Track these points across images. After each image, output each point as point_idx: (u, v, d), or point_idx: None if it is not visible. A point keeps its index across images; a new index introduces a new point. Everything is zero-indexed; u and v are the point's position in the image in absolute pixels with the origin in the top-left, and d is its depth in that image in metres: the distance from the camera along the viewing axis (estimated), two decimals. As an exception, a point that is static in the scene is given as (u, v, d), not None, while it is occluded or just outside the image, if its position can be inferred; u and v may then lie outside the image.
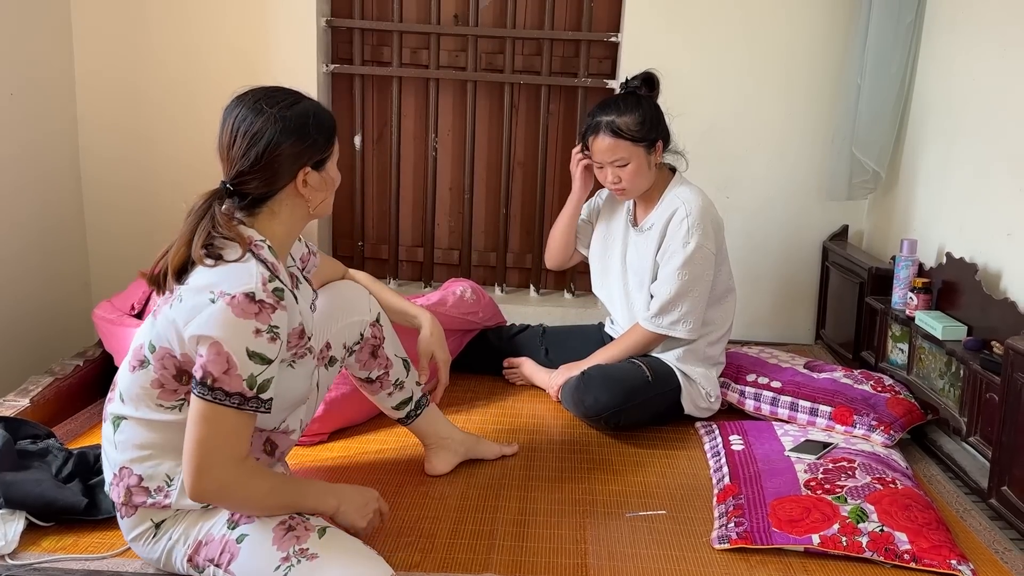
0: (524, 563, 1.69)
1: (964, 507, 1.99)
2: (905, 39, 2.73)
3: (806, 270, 3.18)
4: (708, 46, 3.00)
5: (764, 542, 1.75)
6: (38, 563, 1.59)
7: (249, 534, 1.48)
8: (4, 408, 2.07)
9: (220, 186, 1.50)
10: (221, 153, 1.51)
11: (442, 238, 3.35)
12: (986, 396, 2.05)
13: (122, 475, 1.53)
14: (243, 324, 1.38)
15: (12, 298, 2.73)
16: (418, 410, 1.98)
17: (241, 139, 1.47)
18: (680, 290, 2.26)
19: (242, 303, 1.39)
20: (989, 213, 2.30)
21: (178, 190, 3.08)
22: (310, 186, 1.53)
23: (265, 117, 1.47)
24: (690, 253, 2.25)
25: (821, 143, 3.06)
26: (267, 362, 1.41)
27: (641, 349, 2.36)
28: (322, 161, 1.54)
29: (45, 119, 2.89)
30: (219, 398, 1.39)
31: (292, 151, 1.48)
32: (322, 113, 1.55)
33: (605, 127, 2.24)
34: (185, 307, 1.42)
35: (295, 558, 1.43)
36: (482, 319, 2.66)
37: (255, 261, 1.45)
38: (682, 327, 2.29)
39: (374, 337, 1.89)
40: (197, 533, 1.51)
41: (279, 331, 1.42)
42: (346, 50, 3.17)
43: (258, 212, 1.52)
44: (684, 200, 2.29)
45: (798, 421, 2.33)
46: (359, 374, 1.93)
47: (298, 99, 1.53)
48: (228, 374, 1.39)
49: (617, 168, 2.26)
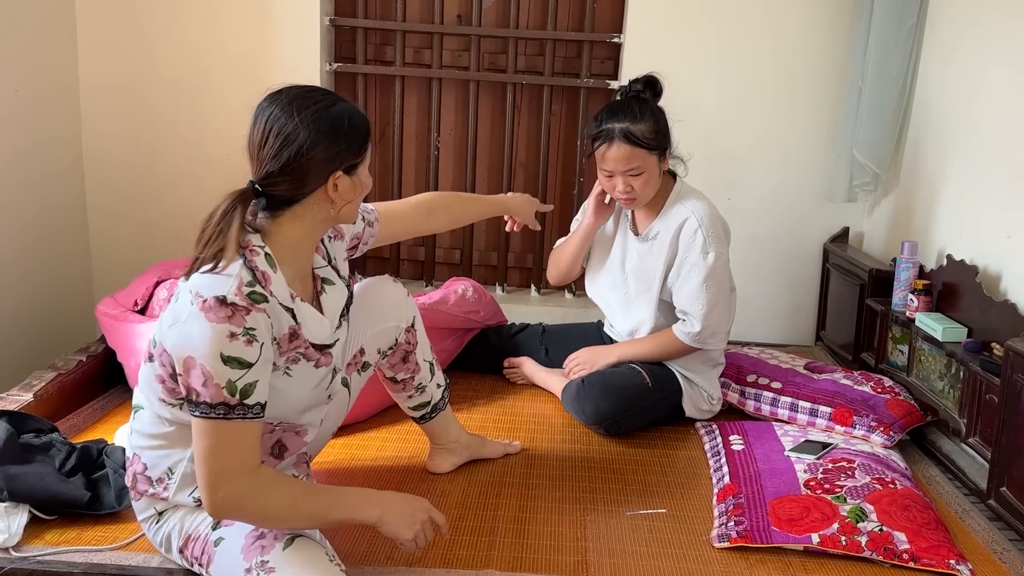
0: (524, 559, 1.70)
1: (963, 508, 2.00)
2: (907, 42, 2.74)
3: (807, 272, 3.18)
4: (710, 47, 3.01)
5: (764, 541, 1.75)
6: (41, 556, 1.60)
7: (225, 538, 1.47)
8: (8, 403, 2.07)
9: (248, 186, 1.44)
10: (251, 152, 1.44)
11: (443, 237, 3.36)
12: (985, 398, 2.05)
13: (133, 460, 1.56)
14: (216, 329, 1.34)
15: (16, 294, 2.74)
16: (434, 413, 1.99)
17: (273, 139, 1.41)
18: (711, 302, 2.24)
19: (213, 307, 1.34)
20: (989, 215, 2.31)
21: (181, 187, 3.10)
22: (340, 191, 1.47)
23: (299, 119, 1.41)
24: (711, 265, 2.22)
25: (822, 145, 3.07)
26: (246, 366, 1.37)
27: (673, 356, 2.33)
28: (355, 166, 1.49)
29: (49, 115, 2.89)
30: (205, 412, 1.36)
31: (325, 155, 1.43)
32: (357, 116, 1.49)
33: (620, 134, 2.15)
34: (173, 307, 1.41)
35: (256, 570, 1.40)
36: (483, 318, 2.67)
37: (242, 266, 1.40)
38: (716, 339, 2.29)
39: (408, 343, 1.88)
40: (188, 526, 1.52)
41: (255, 333, 1.37)
42: (349, 49, 3.18)
43: (281, 215, 1.47)
44: (694, 210, 2.25)
45: (798, 422, 2.34)
46: (387, 373, 1.92)
47: (333, 101, 1.46)
48: (206, 386, 1.35)
49: (630, 177, 2.19)
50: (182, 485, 1.52)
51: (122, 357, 2.32)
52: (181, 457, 1.51)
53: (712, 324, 2.26)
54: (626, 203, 2.28)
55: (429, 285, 3.30)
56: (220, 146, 2.99)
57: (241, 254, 1.41)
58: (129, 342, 2.26)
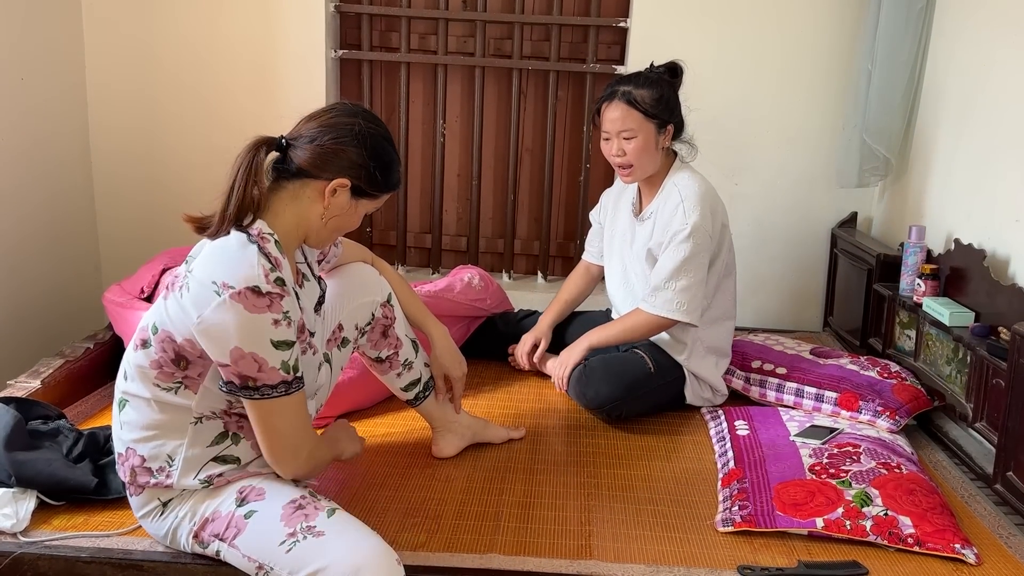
0: (529, 544, 1.70)
1: (969, 492, 1.99)
2: (916, 25, 2.72)
3: (814, 257, 3.17)
4: (717, 31, 2.99)
5: (768, 525, 1.75)
6: (49, 541, 1.61)
7: (258, 511, 1.51)
8: (16, 389, 2.09)
9: (277, 137, 1.54)
10: (307, 116, 1.56)
11: (450, 224, 3.36)
12: (992, 382, 2.04)
13: (128, 455, 1.55)
14: (261, 319, 1.41)
15: (24, 282, 2.75)
16: (426, 392, 2.00)
17: (327, 117, 1.54)
18: (675, 268, 2.20)
19: (251, 299, 1.41)
20: (998, 199, 2.29)
21: (187, 174, 3.11)
22: (335, 201, 1.54)
23: (362, 126, 1.54)
24: (685, 232, 2.20)
25: (830, 129, 3.05)
26: (291, 345, 1.46)
27: (638, 332, 2.30)
28: (363, 193, 1.57)
29: (56, 105, 2.90)
30: (267, 394, 1.46)
31: (351, 160, 1.53)
32: (397, 164, 1.61)
33: (620, 95, 2.21)
34: (193, 296, 1.43)
35: (301, 534, 1.45)
36: (490, 306, 2.67)
37: (258, 251, 1.45)
38: (678, 309, 2.22)
39: (385, 317, 1.90)
40: (204, 510, 1.54)
41: (290, 315, 1.46)
42: (354, 36, 3.17)
43: (283, 187, 1.54)
44: (680, 185, 2.26)
45: (803, 407, 2.33)
46: (370, 353, 1.93)
47: (393, 143, 1.61)
48: (263, 371, 1.44)
49: (623, 140, 2.22)
50: (185, 470, 1.53)
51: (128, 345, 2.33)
52: (179, 443, 1.53)
53: (669, 290, 2.21)
54: (622, 173, 2.30)
55: (435, 272, 3.30)
56: (226, 134, 3.00)
57: (253, 241, 1.46)
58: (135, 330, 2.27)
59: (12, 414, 1.81)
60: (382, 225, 3.36)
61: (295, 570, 1.43)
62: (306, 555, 1.43)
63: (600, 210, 2.58)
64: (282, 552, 1.44)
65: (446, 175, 3.28)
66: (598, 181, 3.22)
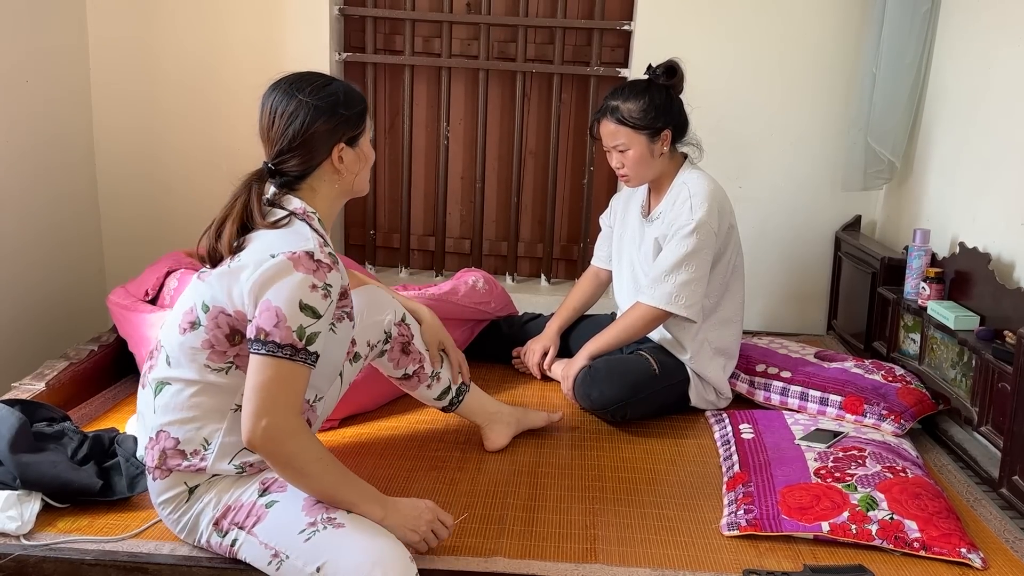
0: (533, 547, 1.70)
1: (975, 496, 1.99)
2: (921, 28, 2.71)
3: (818, 260, 3.16)
4: (721, 34, 2.99)
5: (773, 529, 1.75)
6: (54, 543, 1.61)
7: (279, 501, 1.53)
8: (20, 391, 2.09)
9: (262, 166, 1.61)
10: (262, 135, 1.61)
11: (453, 227, 3.36)
12: (998, 386, 2.04)
13: (159, 438, 1.56)
14: (301, 278, 1.47)
15: (28, 284, 2.75)
16: (460, 396, 2.04)
17: (279, 120, 1.57)
18: (676, 261, 2.21)
19: (303, 259, 1.48)
20: (1003, 203, 2.29)
21: (191, 177, 3.11)
22: (345, 162, 1.62)
23: (300, 98, 1.57)
24: (690, 227, 2.22)
25: (834, 133, 3.05)
26: (317, 316, 1.48)
27: (636, 327, 2.30)
28: (355, 137, 1.63)
29: (60, 107, 2.91)
30: (272, 350, 1.46)
31: (326, 128, 1.58)
32: (352, 92, 1.64)
33: (610, 112, 2.26)
34: (248, 261, 1.50)
35: (321, 524, 1.47)
36: (494, 309, 2.66)
37: (308, 228, 1.54)
38: (675, 302, 2.22)
39: (401, 335, 1.93)
40: (228, 499, 1.55)
41: (332, 290, 1.51)
42: (359, 38, 3.17)
43: (298, 190, 1.61)
44: (690, 183, 2.29)
45: (808, 411, 2.33)
46: (395, 373, 1.97)
47: (328, 81, 1.63)
48: (278, 327, 1.45)
49: (619, 153, 2.28)
50: (221, 454, 1.55)
51: (133, 347, 2.34)
52: (217, 427, 1.55)
53: (669, 282, 2.22)
54: (623, 180, 2.35)
55: (439, 275, 3.30)
56: (231, 137, 3.00)
57: (301, 218, 1.56)
58: (140, 332, 2.27)
59: (17, 416, 1.81)
60: (386, 228, 3.36)
61: (311, 560, 1.44)
62: (325, 545, 1.45)
63: (609, 214, 2.59)
64: (300, 540, 1.46)
65: (450, 178, 3.28)
66: (602, 184, 3.23)
